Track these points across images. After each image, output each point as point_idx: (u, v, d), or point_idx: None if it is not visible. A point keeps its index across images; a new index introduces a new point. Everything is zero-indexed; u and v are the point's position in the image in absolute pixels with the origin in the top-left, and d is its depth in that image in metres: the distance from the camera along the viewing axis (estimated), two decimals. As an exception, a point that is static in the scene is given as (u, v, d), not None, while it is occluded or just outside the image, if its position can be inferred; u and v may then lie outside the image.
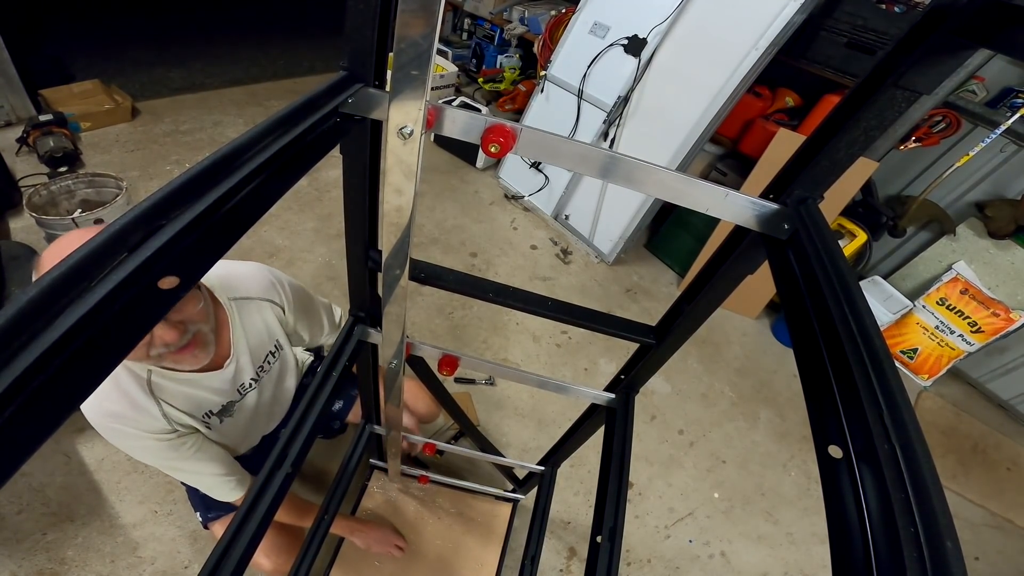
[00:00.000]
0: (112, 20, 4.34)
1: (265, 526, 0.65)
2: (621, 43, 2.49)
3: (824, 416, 0.34)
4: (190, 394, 0.99)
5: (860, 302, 0.37)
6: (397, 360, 0.83)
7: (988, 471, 2.30)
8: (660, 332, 0.77)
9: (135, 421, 0.92)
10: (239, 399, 1.10)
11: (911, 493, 0.27)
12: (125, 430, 0.92)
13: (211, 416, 1.05)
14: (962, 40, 0.37)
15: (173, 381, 0.96)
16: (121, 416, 0.91)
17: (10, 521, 1.41)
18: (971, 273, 2.44)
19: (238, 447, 1.21)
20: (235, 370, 1.05)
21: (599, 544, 0.72)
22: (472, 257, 2.75)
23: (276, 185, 0.38)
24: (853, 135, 0.45)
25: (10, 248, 1.68)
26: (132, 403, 0.91)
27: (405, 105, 0.42)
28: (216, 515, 1.20)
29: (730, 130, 2.68)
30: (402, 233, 0.55)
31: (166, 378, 0.95)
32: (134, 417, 0.92)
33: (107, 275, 0.25)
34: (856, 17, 2.18)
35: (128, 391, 0.91)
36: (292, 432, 0.73)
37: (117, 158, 2.79)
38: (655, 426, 2.11)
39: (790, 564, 1.80)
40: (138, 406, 0.92)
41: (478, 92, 4.16)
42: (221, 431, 1.09)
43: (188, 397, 0.99)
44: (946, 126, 2.38)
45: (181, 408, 0.98)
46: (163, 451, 0.96)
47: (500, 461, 1.38)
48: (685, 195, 0.51)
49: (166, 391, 0.96)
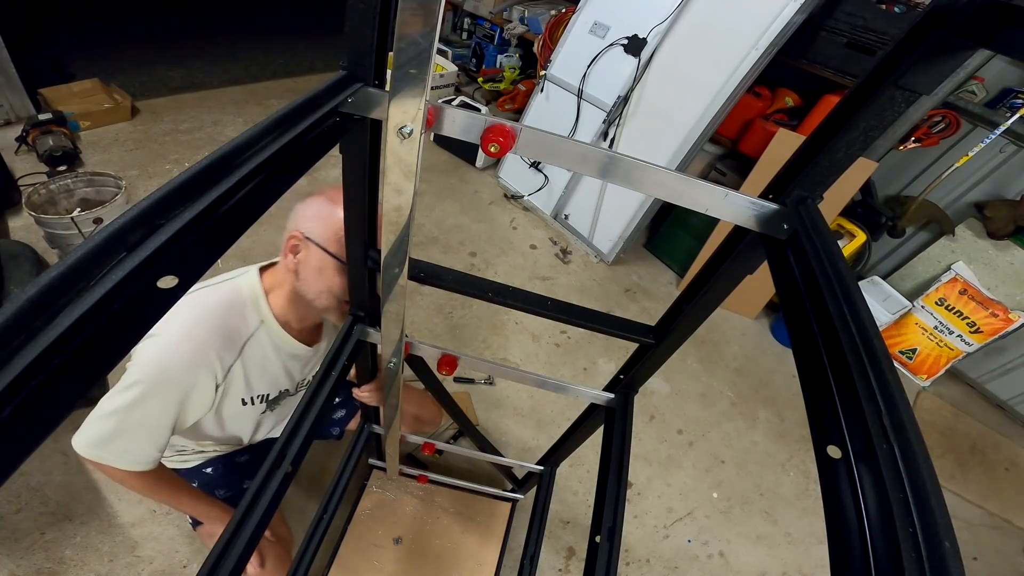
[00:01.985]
0: (112, 19, 4.33)
1: (264, 525, 0.65)
2: (621, 43, 2.49)
3: (823, 416, 0.35)
4: (275, 365, 1.03)
5: (859, 302, 0.37)
6: (396, 359, 0.83)
7: (986, 471, 2.31)
8: (659, 332, 0.77)
9: (201, 356, 0.91)
10: (291, 395, 1.15)
11: (909, 493, 0.27)
12: (183, 351, 0.89)
13: (264, 401, 1.09)
14: (962, 40, 0.37)
15: (272, 347, 1.02)
16: (201, 341, 0.91)
17: (8, 520, 1.41)
18: (970, 273, 2.44)
19: (242, 440, 1.21)
20: (316, 355, 1.12)
21: (598, 544, 0.72)
22: (471, 256, 2.75)
23: (276, 184, 0.38)
24: (853, 135, 0.45)
25: (9, 247, 1.68)
26: (220, 338, 0.93)
27: (405, 104, 0.42)
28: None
29: (730, 130, 2.68)
30: (401, 232, 0.55)
31: (271, 339, 1.01)
32: (204, 352, 0.91)
33: (106, 274, 0.25)
34: (856, 17, 2.18)
35: (226, 329, 0.94)
36: (291, 432, 0.73)
37: (116, 157, 2.78)
38: (654, 426, 2.12)
39: (789, 564, 1.80)
40: (220, 346, 0.93)
41: (478, 92, 4.16)
42: (250, 420, 1.13)
43: (270, 367, 1.04)
44: (946, 126, 2.38)
45: (252, 375, 1.01)
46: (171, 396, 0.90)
47: (499, 461, 1.38)
48: (684, 195, 0.51)
49: (256, 355, 0.99)
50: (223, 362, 0.94)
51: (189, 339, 0.90)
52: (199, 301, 0.94)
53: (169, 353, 0.88)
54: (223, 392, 0.98)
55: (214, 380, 0.94)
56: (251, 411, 1.09)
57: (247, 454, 1.27)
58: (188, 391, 0.91)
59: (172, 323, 0.90)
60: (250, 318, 0.98)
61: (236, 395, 1.02)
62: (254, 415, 1.12)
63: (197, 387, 0.92)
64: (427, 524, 1.51)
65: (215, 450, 1.21)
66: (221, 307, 0.95)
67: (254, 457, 1.28)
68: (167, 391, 0.89)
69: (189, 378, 0.91)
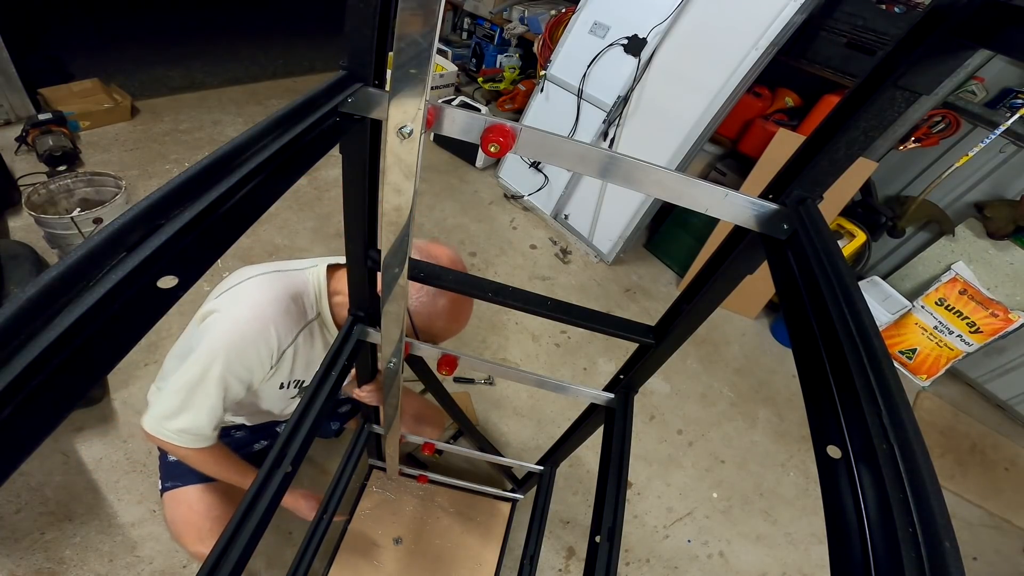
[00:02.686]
0: (112, 19, 4.33)
1: (264, 525, 0.65)
2: (621, 43, 2.49)
3: (823, 416, 0.35)
4: (320, 358, 1.05)
5: (859, 302, 0.37)
6: (396, 359, 0.83)
7: (986, 471, 2.31)
8: (659, 332, 0.77)
9: (266, 334, 0.95)
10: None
11: (909, 493, 0.27)
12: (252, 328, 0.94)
13: (297, 387, 1.12)
14: (962, 40, 0.37)
15: (322, 342, 1.07)
16: (269, 319, 0.95)
17: (8, 520, 1.41)
18: (970, 273, 2.44)
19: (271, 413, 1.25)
20: None
21: (598, 544, 0.72)
22: (471, 256, 2.75)
23: (275, 184, 0.38)
24: (853, 135, 0.45)
25: (9, 247, 1.68)
26: (284, 320, 0.98)
27: (405, 104, 0.42)
28: (173, 485, 1.17)
29: (730, 130, 2.68)
30: (401, 232, 0.55)
31: (323, 334, 1.06)
32: (268, 330, 0.95)
33: (106, 274, 0.25)
34: (856, 17, 2.18)
35: (289, 314, 0.99)
36: (291, 430, 0.73)
37: (116, 157, 2.78)
38: (654, 426, 2.12)
39: (788, 564, 1.81)
40: (282, 327, 0.97)
41: (478, 92, 4.16)
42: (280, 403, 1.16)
43: (315, 358, 1.08)
44: (945, 126, 2.38)
45: (298, 363, 1.05)
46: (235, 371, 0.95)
47: (499, 461, 1.38)
48: (684, 195, 0.51)
49: (306, 344, 1.04)
50: (281, 343, 0.99)
51: (259, 318, 0.95)
52: (270, 283, 0.98)
53: (240, 328, 0.93)
54: (271, 377, 1.02)
55: (271, 359, 0.98)
56: (283, 395, 1.13)
57: (266, 440, 1.32)
58: (252, 367, 0.96)
59: (244, 302, 0.95)
60: (309, 309, 1.03)
61: (278, 379, 1.05)
62: (284, 398, 1.15)
63: (256, 366, 0.97)
64: (427, 524, 1.51)
65: (242, 421, 1.27)
66: (288, 292, 1.00)
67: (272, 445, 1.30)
68: (235, 366, 0.94)
69: (254, 355, 0.95)
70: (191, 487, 1.15)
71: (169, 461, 1.18)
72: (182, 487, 1.16)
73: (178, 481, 1.17)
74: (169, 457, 1.18)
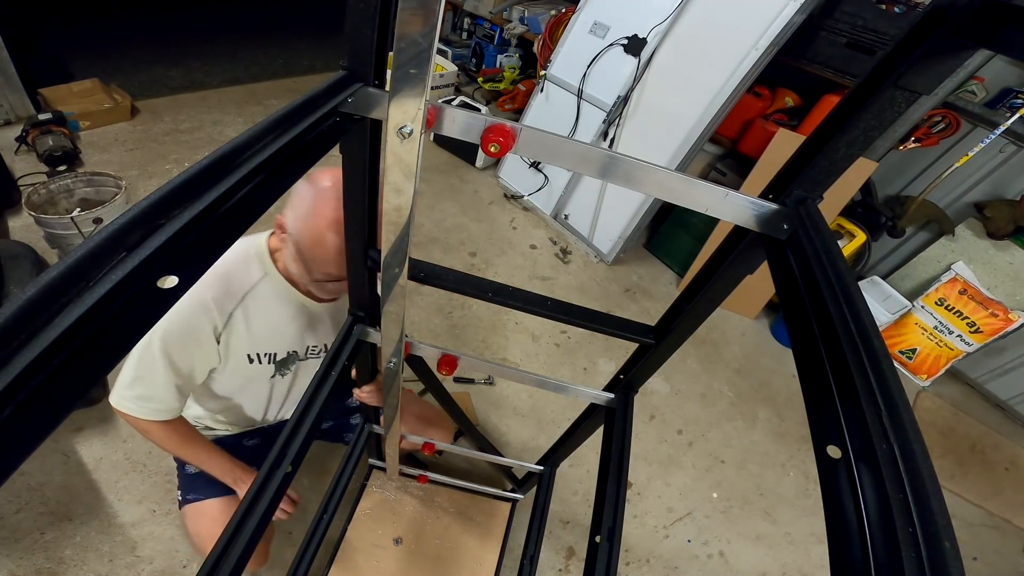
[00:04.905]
0: (111, 19, 4.33)
1: (264, 525, 0.65)
2: (621, 43, 2.49)
3: (823, 416, 0.35)
4: (281, 319, 1.05)
5: (859, 302, 0.37)
6: (396, 359, 0.83)
7: (986, 471, 2.31)
8: (659, 332, 0.77)
9: (196, 298, 0.94)
10: (301, 359, 1.15)
11: (909, 493, 0.27)
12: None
13: (272, 361, 1.09)
14: (962, 40, 0.37)
15: (276, 299, 1.03)
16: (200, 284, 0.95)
17: (8, 520, 1.41)
18: (970, 273, 2.44)
19: (254, 418, 1.24)
20: (331, 320, 1.13)
21: (598, 544, 0.72)
22: (471, 256, 2.75)
23: (275, 184, 0.38)
24: (852, 135, 0.45)
25: (9, 247, 1.67)
26: (219, 284, 0.97)
27: (405, 104, 0.42)
28: (195, 498, 1.17)
29: (730, 130, 2.68)
30: (401, 232, 0.55)
31: (275, 290, 1.02)
32: (200, 295, 0.95)
33: (106, 274, 0.25)
34: (856, 17, 2.18)
35: (227, 276, 0.98)
36: (291, 431, 0.73)
37: (116, 157, 2.78)
38: (654, 426, 2.11)
39: (788, 564, 1.80)
40: (218, 290, 0.96)
41: (478, 92, 4.16)
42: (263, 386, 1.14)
43: (275, 320, 1.05)
44: (945, 126, 2.38)
45: (255, 328, 1.02)
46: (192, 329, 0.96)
47: (499, 461, 1.38)
48: (684, 195, 0.51)
49: (259, 306, 1.01)
50: (221, 307, 0.97)
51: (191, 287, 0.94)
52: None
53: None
54: (227, 344, 1.01)
55: (212, 325, 0.97)
56: (260, 372, 1.10)
57: (257, 437, 1.30)
58: (191, 334, 0.96)
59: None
60: (253, 269, 1.02)
61: (241, 349, 1.04)
62: (264, 378, 1.12)
63: (198, 331, 0.96)
64: (427, 524, 1.51)
65: (227, 429, 1.24)
66: (224, 257, 0.97)
67: (263, 442, 1.30)
68: (172, 335, 0.94)
69: (190, 320, 0.95)
70: (213, 500, 1.15)
71: (188, 472, 1.17)
72: (204, 500, 1.16)
73: (200, 494, 1.17)
74: (188, 468, 1.17)
